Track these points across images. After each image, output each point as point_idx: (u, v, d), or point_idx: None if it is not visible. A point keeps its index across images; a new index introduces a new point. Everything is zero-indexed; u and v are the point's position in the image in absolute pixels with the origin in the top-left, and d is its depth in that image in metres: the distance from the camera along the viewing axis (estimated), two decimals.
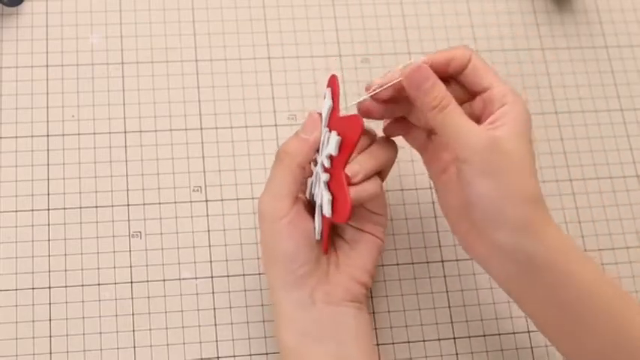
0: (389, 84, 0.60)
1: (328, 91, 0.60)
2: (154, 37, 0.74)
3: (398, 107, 0.62)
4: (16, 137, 0.70)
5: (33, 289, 0.65)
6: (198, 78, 0.73)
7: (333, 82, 0.60)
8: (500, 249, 0.58)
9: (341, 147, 0.57)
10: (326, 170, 0.59)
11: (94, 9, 0.74)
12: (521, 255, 0.57)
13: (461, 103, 0.60)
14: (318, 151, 0.60)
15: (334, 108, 0.59)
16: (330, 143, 0.58)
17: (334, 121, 0.59)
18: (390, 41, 0.76)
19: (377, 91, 0.60)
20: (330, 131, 0.59)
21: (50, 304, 0.65)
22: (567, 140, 0.75)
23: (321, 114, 0.61)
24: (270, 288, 0.61)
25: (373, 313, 0.67)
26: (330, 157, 0.58)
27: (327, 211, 0.58)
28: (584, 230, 0.72)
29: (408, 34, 0.77)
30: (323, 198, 0.58)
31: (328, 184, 0.58)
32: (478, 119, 0.60)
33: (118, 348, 0.64)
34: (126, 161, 0.70)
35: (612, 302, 0.58)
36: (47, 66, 0.72)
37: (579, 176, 0.74)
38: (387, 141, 0.63)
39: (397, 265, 0.69)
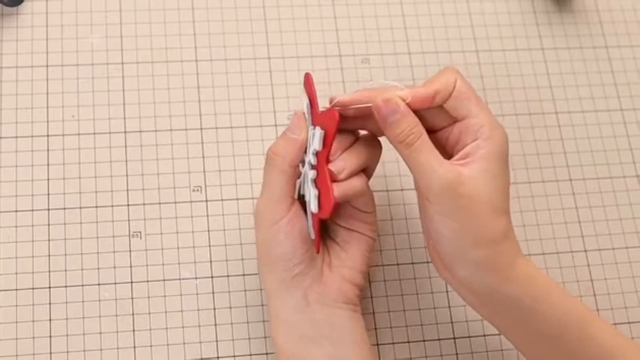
0: (358, 106, 0.58)
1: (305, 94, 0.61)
2: (154, 37, 0.74)
3: (370, 123, 0.61)
4: (16, 137, 0.70)
5: (33, 289, 0.65)
6: (198, 78, 0.73)
7: (307, 81, 0.60)
8: (461, 282, 0.58)
9: (324, 141, 0.58)
10: (313, 167, 0.59)
11: (94, 9, 0.74)
12: (481, 291, 0.58)
13: (444, 126, 0.59)
14: (305, 151, 0.60)
15: (313, 105, 0.60)
16: (314, 139, 0.58)
17: (315, 117, 0.59)
18: (390, 41, 0.76)
19: (340, 108, 0.59)
20: (314, 128, 0.59)
21: (50, 304, 0.65)
22: (567, 140, 0.75)
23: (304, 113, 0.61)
24: (265, 291, 0.62)
25: (373, 313, 0.67)
26: (316, 154, 0.59)
27: (315, 207, 0.58)
28: (584, 230, 0.72)
29: (408, 34, 0.77)
30: (310, 194, 0.59)
31: (315, 181, 0.59)
32: (453, 147, 0.59)
33: (118, 348, 0.64)
34: (126, 161, 0.70)
35: (580, 343, 0.58)
36: (47, 66, 0.72)
37: (579, 176, 0.74)
38: (371, 138, 0.62)
39: (397, 265, 0.69)
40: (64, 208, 0.68)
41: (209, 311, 0.66)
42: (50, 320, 0.65)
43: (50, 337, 0.64)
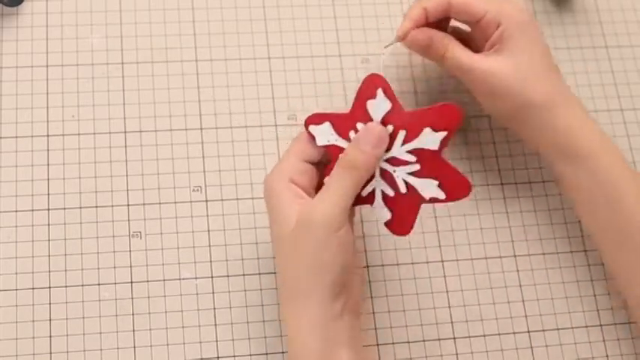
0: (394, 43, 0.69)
1: (380, 92, 0.60)
2: (154, 37, 0.74)
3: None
4: (16, 137, 0.70)
5: (33, 289, 0.65)
6: (198, 78, 0.73)
7: (381, 82, 0.60)
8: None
9: (441, 141, 0.59)
10: (410, 162, 0.60)
11: (94, 9, 0.74)
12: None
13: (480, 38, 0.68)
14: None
15: (395, 107, 0.60)
16: (429, 139, 0.59)
17: (399, 117, 0.60)
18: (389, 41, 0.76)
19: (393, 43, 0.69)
20: (395, 129, 0.60)
21: (50, 304, 0.65)
22: None
23: (371, 121, 0.61)
24: (295, 295, 0.59)
25: (373, 313, 0.67)
26: (416, 150, 0.60)
27: (434, 194, 0.60)
28: (585, 230, 0.72)
29: None
30: (421, 185, 0.60)
31: (417, 173, 0.60)
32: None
33: (118, 348, 0.64)
34: (126, 161, 0.70)
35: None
36: (47, 66, 0.72)
37: None
38: None
39: (397, 265, 0.69)
40: (64, 208, 0.68)
41: (209, 311, 0.66)
42: (50, 320, 0.65)
43: (50, 337, 0.64)
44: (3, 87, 0.71)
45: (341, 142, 0.61)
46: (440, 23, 0.69)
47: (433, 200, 0.60)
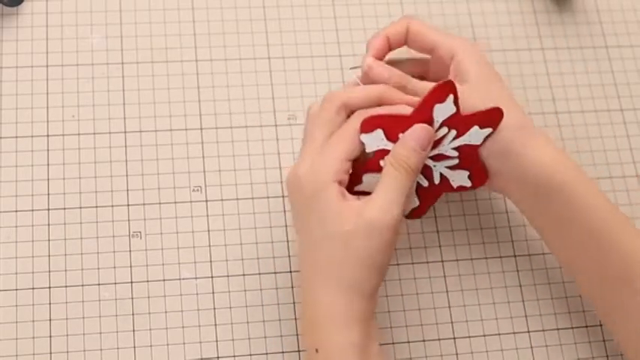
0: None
1: (451, 97, 0.62)
2: (154, 37, 0.74)
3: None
4: (16, 137, 0.70)
5: (33, 289, 0.65)
6: (198, 78, 0.73)
7: (453, 89, 0.62)
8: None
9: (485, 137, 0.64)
10: (451, 157, 0.64)
11: (94, 9, 0.74)
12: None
13: (431, 70, 0.68)
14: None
15: (457, 112, 0.62)
16: (475, 136, 0.63)
17: (455, 120, 0.62)
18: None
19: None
20: (449, 130, 0.62)
21: (50, 304, 0.65)
22: (567, 140, 0.75)
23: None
24: (344, 289, 0.59)
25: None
26: (460, 146, 0.63)
27: (462, 183, 0.65)
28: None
29: None
30: (453, 176, 0.65)
31: (452, 167, 0.64)
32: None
33: (118, 348, 0.64)
34: (126, 161, 0.70)
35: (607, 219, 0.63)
36: (47, 66, 0.72)
37: None
38: None
39: (397, 265, 0.69)
40: (64, 208, 0.68)
41: (209, 311, 0.66)
42: (50, 320, 0.65)
43: (50, 337, 0.64)
44: (3, 87, 0.71)
45: (390, 146, 0.62)
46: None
47: (459, 188, 0.65)
